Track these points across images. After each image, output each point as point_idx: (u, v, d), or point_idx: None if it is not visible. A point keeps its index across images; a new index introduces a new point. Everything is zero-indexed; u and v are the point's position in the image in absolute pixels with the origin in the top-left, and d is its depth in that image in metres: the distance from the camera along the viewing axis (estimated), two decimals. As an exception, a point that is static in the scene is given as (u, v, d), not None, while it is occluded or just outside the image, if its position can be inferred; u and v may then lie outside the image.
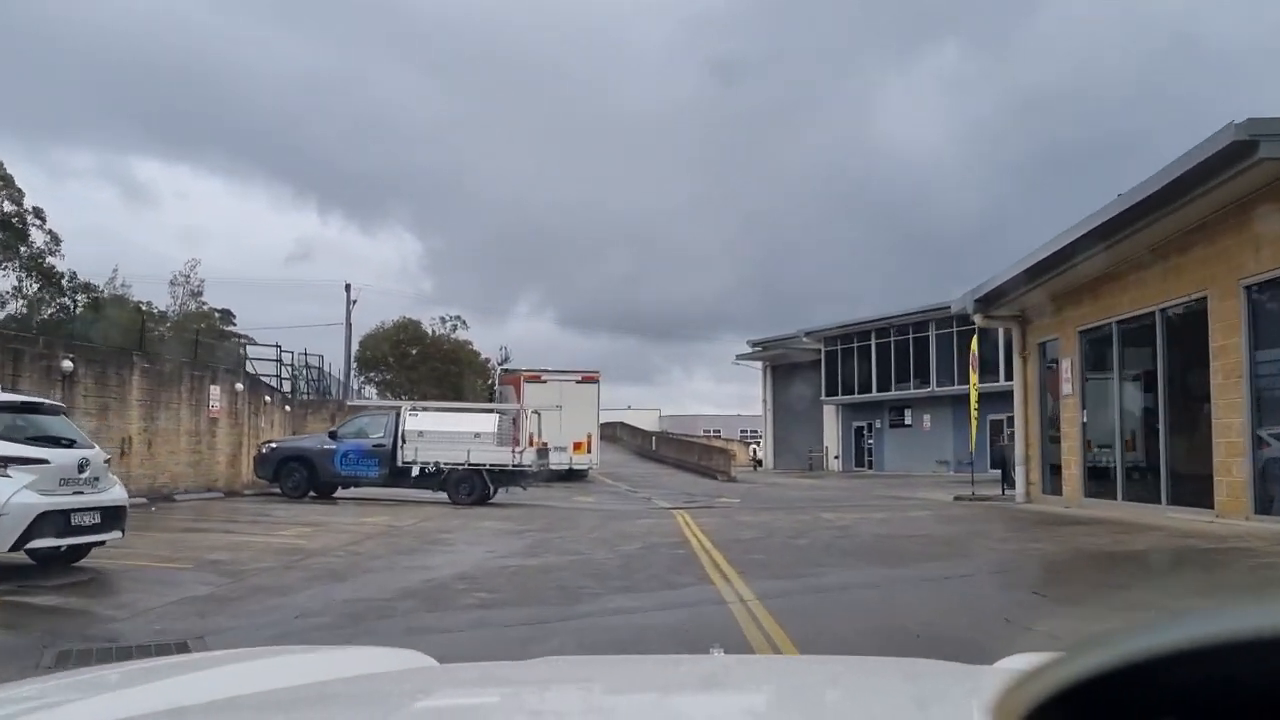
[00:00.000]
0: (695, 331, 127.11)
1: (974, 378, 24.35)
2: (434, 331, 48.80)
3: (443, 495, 20.96)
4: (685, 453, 42.86)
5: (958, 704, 1.38)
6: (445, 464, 20.81)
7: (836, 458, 46.36)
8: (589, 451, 33.93)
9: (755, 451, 51.63)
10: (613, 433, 55.67)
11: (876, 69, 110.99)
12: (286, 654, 2.18)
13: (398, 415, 21.20)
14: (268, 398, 26.95)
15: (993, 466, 21.84)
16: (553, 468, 34.35)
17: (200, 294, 55.58)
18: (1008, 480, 21.27)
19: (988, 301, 18.59)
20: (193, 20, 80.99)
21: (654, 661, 2.70)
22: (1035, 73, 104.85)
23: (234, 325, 50.02)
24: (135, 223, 77.05)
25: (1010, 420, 27.20)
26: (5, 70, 59.72)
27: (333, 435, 21.34)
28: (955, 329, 39.89)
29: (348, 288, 49.15)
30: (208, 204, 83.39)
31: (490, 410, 22.51)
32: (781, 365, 50.02)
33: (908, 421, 43.19)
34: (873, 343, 43.74)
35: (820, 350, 46.31)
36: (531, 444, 21.67)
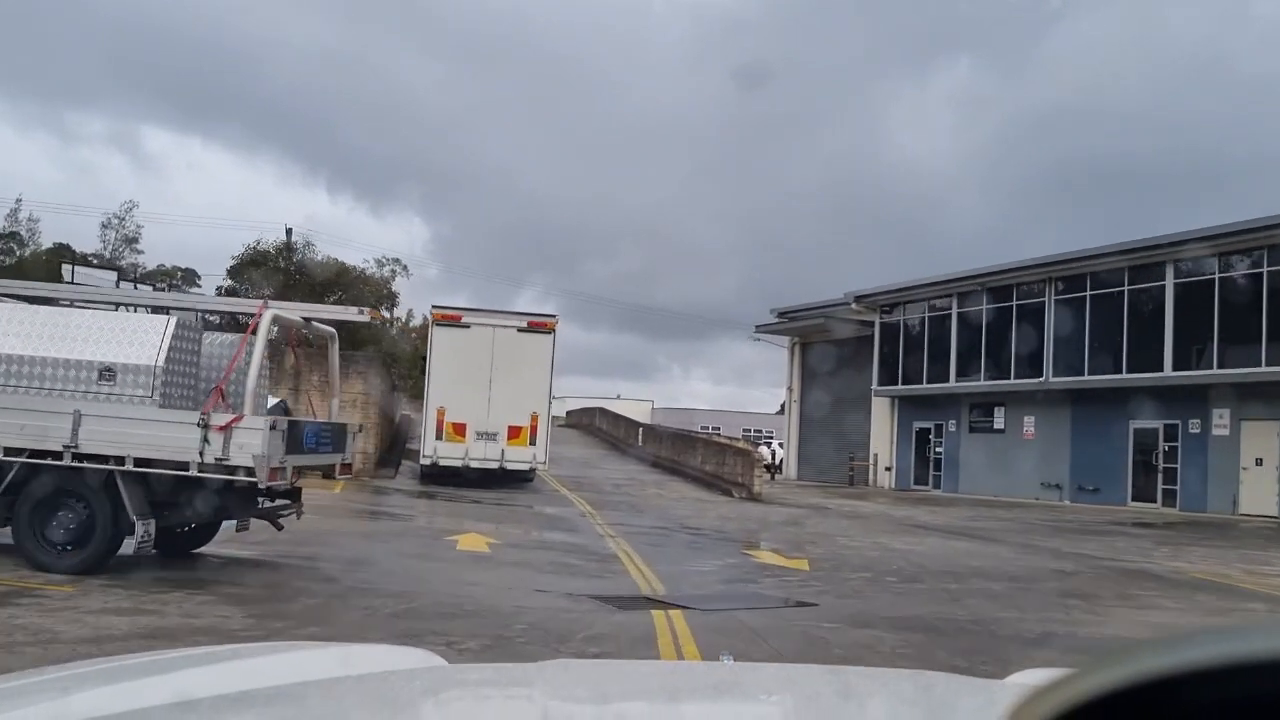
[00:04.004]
0: (696, 331, 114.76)
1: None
2: (364, 271, 34.99)
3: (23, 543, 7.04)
4: (684, 452, 28.79)
5: (971, 716, 1.34)
6: (7, 452, 6.88)
7: (888, 469, 32.29)
8: (532, 442, 19.96)
9: (774, 454, 37.36)
10: (590, 420, 41.68)
11: (892, 80, 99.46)
12: (297, 650, 1.90)
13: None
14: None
15: None
16: (472, 465, 20.62)
17: (136, 240, 43.03)
18: None
19: None
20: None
21: (666, 667, 2.72)
22: (1047, 91, 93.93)
23: (198, 286, 38.58)
24: (142, 191, 68.77)
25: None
26: (25, 33, 55.42)
27: None
28: (1089, 291, 25.89)
29: (288, 231, 35.59)
30: (218, 177, 76.22)
31: (147, 312, 8.25)
32: (816, 343, 35.82)
33: (998, 424, 29.13)
34: (953, 311, 29.66)
35: (874, 323, 32.27)
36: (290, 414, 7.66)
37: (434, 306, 20.78)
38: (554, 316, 20.65)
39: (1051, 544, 14.21)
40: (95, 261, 39.81)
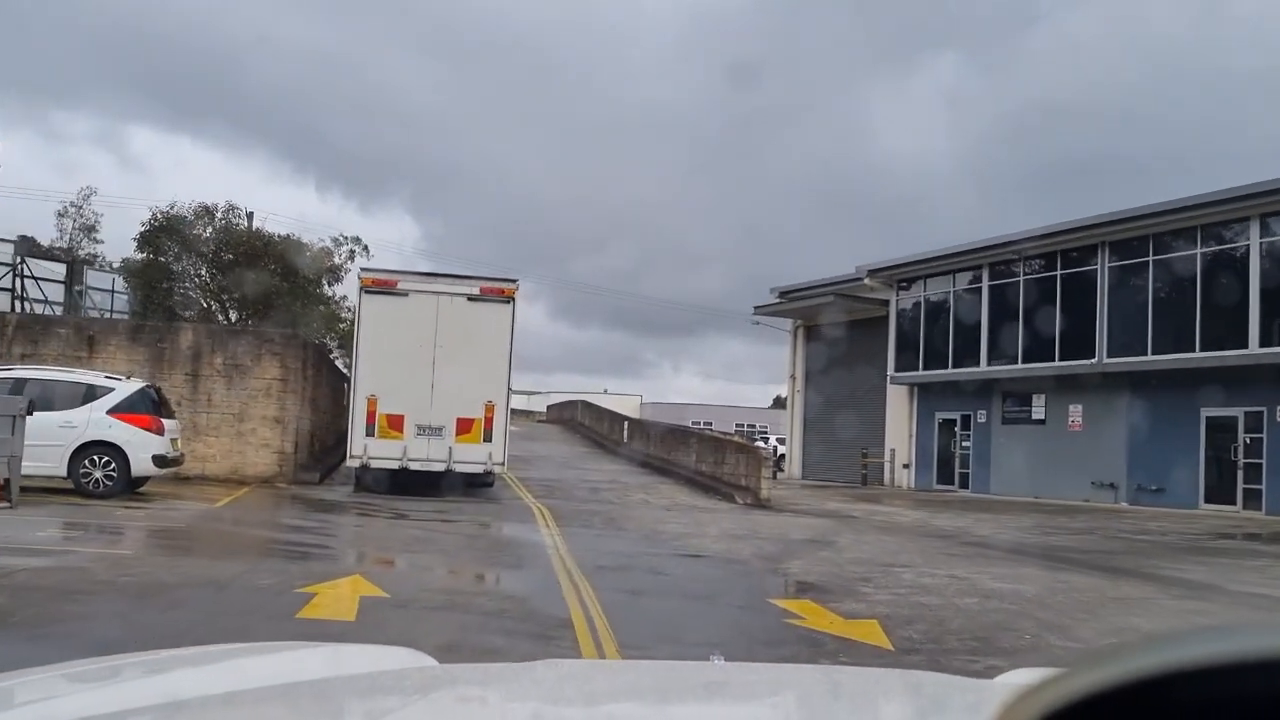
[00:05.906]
0: (686, 326, 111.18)
1: None
2: (333, 251, 30.75)
3: None
4: (676, 449, 24.55)
5: (960, 716, 1.30)
6: None
7: (906, 467, 28.18)
8: (487, 438, 15.77)
9: (775, 450, 33.10)
10: (571, 414, 37.43)
11: (885, 74, 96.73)
12: (287, 650, 1.81)
13: None
14: None
15: None
16: (412, 466, 16.31)
17: (95, 229, 38.54)
18: None
19: None
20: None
21: (656, 667, 2.59)
22: (1031, 88, 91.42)
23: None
24: (127, 189, 67.60)
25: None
26: (12, 30, 52.87)
27: None
28: (1152, 256, 21.75)
29: (249, 215, 31.19)
30: (206, 174, 73.63)
31: None
32: (822, 326, 31.54)
33: (1037, 414, 25.03)
34: (984, 285, 25.54)
35: (889, 301, 28.19)
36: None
37: (363, 269, 16.56)
38: (514, 281, 16.41)
39: (1192, 573, 10.06)
40: (60, 254, 35.62)
